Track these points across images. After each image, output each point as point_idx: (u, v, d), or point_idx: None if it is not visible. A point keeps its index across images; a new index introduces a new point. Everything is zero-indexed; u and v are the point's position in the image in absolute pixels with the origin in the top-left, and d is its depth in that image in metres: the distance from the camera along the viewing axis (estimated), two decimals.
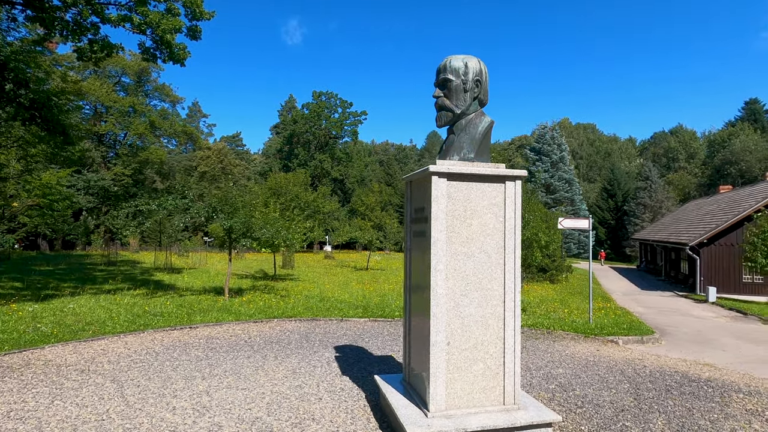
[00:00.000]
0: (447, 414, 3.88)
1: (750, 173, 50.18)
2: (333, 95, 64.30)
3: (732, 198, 27.92)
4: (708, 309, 16.75)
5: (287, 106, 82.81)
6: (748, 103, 62.62)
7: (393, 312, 11.00)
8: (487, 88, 4.35)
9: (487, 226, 4.08)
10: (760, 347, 9.71)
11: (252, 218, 13.11)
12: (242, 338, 7.94)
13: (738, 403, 5.52)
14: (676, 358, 8.00)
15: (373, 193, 60.22)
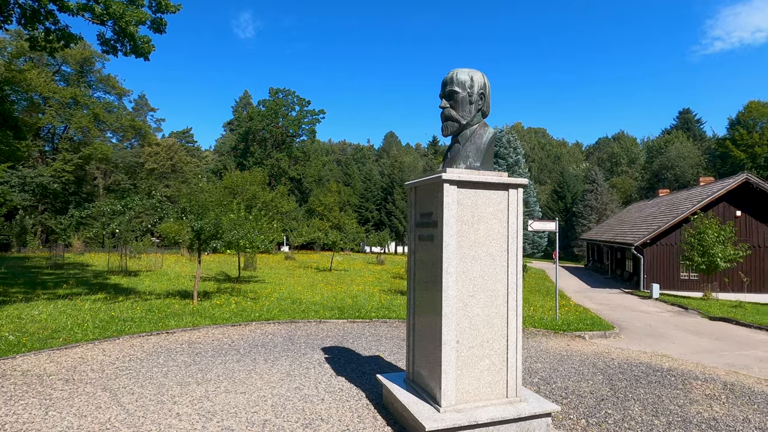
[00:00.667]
0: (457, 408, 4.11)
1: (684, 178, 54.33)
2: (290, 93, 63.38)
3: (671, 201, 30.16)
4: (653, 304, 18.07)
5: (242, 102, 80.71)
6: (682, 112, 67.69)
7: (369, 313, 11.16)
8: (489, 101, 4.62)
9: (492, 230, 4.35)
10: (704, 339, 10.68)
11: (222, 219, 12.85)
12: (225, 342, 7.84)
13: (698, 389, 6.12)
14: (637, 350, 8.69)
15: (331, 193, 59.89)
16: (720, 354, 8.90)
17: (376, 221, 59.97)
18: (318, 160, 69.13)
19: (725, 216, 23.10)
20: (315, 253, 50.80)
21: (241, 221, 14.83)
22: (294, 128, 63.89)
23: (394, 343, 8.27)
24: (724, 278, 22.25)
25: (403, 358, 7.12)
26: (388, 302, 13.17)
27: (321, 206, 58.08)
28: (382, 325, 9.98)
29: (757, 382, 6.68)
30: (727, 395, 5.89)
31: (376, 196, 62.45)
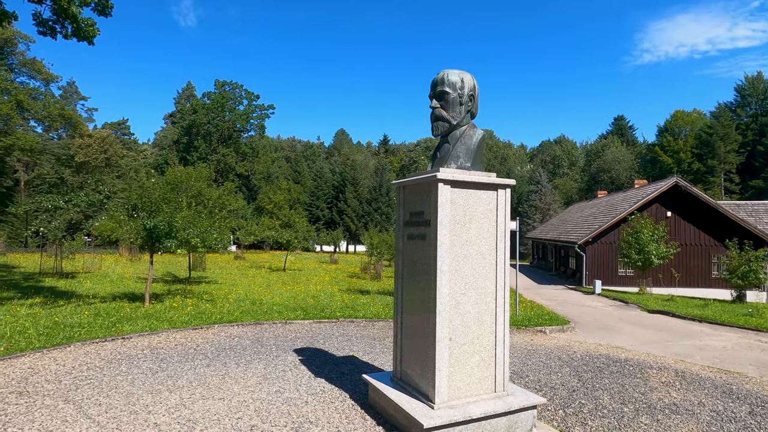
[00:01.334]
0: (450, 404, 4.17)
1: (619, 180, 58.24)
2: (238, 86, 61.22)
3: (609, 202, 32.17)
4: (596, 299, 19.21)
5: (185, 93, 77.16)
6: (617, 119, 72.50)
7: (334, 313, 11.05)
8: (478, 103, 4.71)
9: (482, 229, 4.44)
10: (648, 330, 11.49)
11: (176, 217, 12.23)
12: (190, 347, 7.48)
13: (654, 377, 6.58)
14: (594, 343, 9.20)
15: (281, 190, 58.64)
16: (665, 344, 9.61)
17: (327, 220, 59.44)
18: (267, 156, 67.36)
19: (657, 216, 24.96)
20: (265, 252, 49.59)
21: (196, 219, 14.21)
22: (242, 123, 61.83)
23: (366, 342, 8.24)
24: (659, 274, 24.03)
25: (378, 358, 7.12)
26: (352, 302, 13.10)
27: (270, 204, 56.75)
28: (349, 325, 9.92)
29: (702, 369, 7.28)
30: (680, 382, 6.37)
31: (327, 195, 61.90)
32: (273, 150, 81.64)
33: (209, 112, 58.12)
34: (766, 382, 6.68)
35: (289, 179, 62.75)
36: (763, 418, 5.12)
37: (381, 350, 7.64)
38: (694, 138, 56.39)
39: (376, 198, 58.62)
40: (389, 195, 59.53)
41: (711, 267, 25.45)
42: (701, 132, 55.96)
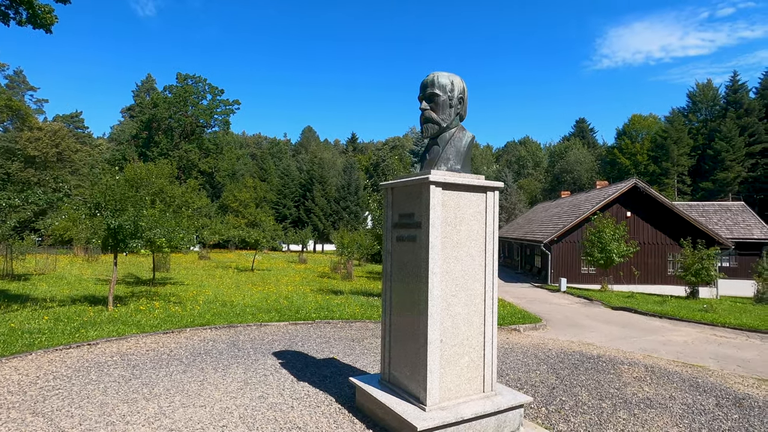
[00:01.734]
0: (441, 406, 4.18)
1: (580, 181, 60.32)
2: (201, 80, 59.37)
3: (572, 202, 33.24)
4: (562, 297, 19.81)
5: (145, 86, 74.30)
6: (578, 121, 75.05)
7: (309, 314, 10.91)
8: (467, 105, 4.74)
9: (472, 231, 4.47)
10: (614, 327, 11.94)
11: (141, 216, 11.75)
12: (162, 352, 7.19)
13: (627, 373, 6.83)
14: (566, 340, 9.47)
15: (246, 188, 57.38)
16: (631, 340, 10.01)
17: (294, 218, 58.61)
18: (232, 153, 65.67)
19: (618, 216, 25.99)
20: (230, 252, 48.41)
21: (162, 219, 13.71)
22: (205, 118, 59.97)
23: (345, 344, 8.17)
24: (619, 272, 25.02)
25: (359, 360, 7.07)
26: (326, 303, 12.97)
27: (236, 202, 55.45)
28: (326, 327, 9.81)
29: (669, 364, 7.62)
30: (650, 377, 6.64)
31: (295, 193, 61.03)
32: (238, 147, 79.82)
33: (171, 106, 56.07)
34: (727, 375, 7.06)
35: (255, 177, 61.41)
36: (729, 409, 5.40)
37: (361, 352, 7.59)
38: (650, 141, 59.12)
39: (344, 197, 58.29)
40: (358, 194, 59.31)
41: (667, 265, 26.73)
42: (656, 136, 58.73)
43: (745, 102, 56.10)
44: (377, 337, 8.90)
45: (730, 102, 57.37)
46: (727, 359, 8.39)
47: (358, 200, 58.65)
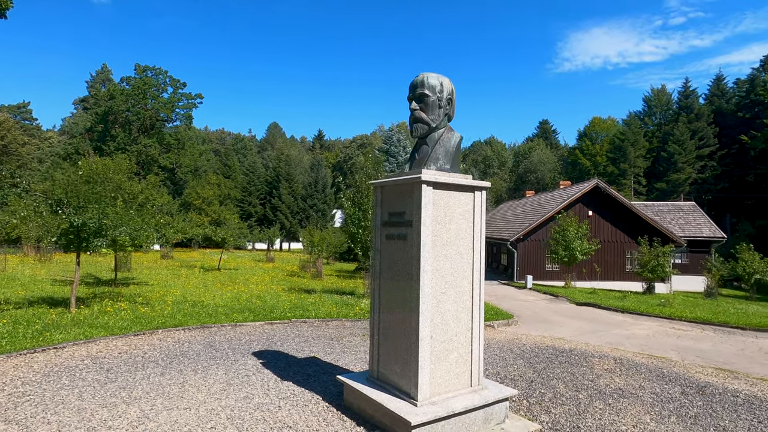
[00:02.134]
0: (432, 401, 4.26)
1: (544, 181, 62.19)
2: (162, 72, 57.05)
3: (537, 201, 34.23)
4: (529, 294, 20.40)
5: (100, 77, 71.08)
6: (541, 123, 77.29)
7: (285, 314, 10.80)
8: (455, 106, 4.83)
9: (461, 230, 4.57)
10: (581, 322, 12.42)
11: (107, 213, 11.28)
12: (136, 354, 6.96)
13: (598, 365, 7.14)
14: (538, 335, 9.79)
15: (210, 185, 55.86)
16: (598, 334, 10.45)
17: (260, 216, 57.50)
18: (194, 148, 63.44)
19: (581, 215, 26.96)
20: (194, 250, 47.05)
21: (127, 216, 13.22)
22: (166, 112, 57.67)
23: (324, 342, 8.15)
24: (582, 269, 25.97)
25: (341, 358, 7.08)
26: (300, 302, 12.86)
27: (199, 199, 53.94)
28: (302, 326, 9.75)
29: (635, 356, 8.01)
30: (620, 368, 6.97)
31: (260, 190, 59.87)
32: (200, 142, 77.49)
33: (129, 98, 53.60)
34: (688, 365, 7.50)
35: (219, 173, 59.83)
36: (693, 397, 5.75)
37: (341, 350, 7.60)
38: (608, 143, 61.65)
39: (312, 194, 57.74)
40: (325, 192, 58.87)
41: (625, 262, 27.97)
42: (615, 138, 61.30)
43: (696, 107, 59.33)
44: (355, 335, 8.93)
45: (682, 107, 60.52)
46: (686, 350, 8.90)
47: (325, 198, 58.23)
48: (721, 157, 56.19)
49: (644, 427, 4.70)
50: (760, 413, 5.25)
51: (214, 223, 48.92)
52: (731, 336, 10.68)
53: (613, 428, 4.65)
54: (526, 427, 4.59)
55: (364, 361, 6.94)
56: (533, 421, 4.78)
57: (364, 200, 15.12)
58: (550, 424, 4.70)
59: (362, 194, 15.25)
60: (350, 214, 15.31)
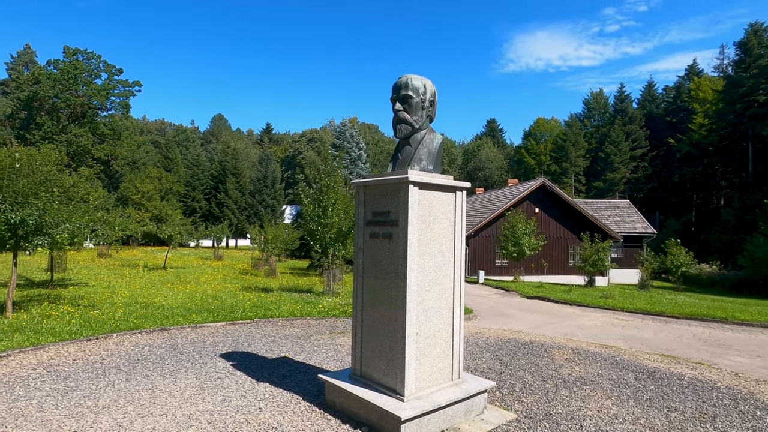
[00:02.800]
0: (417, 396, 4.36)
1: (491, 178, 64.30)
2: (94, 56, 53.13)
3: (487, 198, 35.37)
4: (482, 288, 21.11)
5: (22, 59, 65.58)
6: (489, 122, 79.81)
7: (246, 313, 10.55)
8: (436, 108, 4.94)
9: (443, 229, 4.70)
10: (535, 315, 13.05)
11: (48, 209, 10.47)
12: (93, 360, 6.57)
13: (558, 356, 7.56)
14: (498, 328, 10.19)
15: (150, 179, 53.08)
16: (553, 326, 11.04)
17: (205, 212, 55.31)
18: (132, 139, 59.61)
19: (528, 212, 28.19)
20: (132, 248, 44.55)
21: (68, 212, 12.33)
22: (100, 100, 53.71)
23: (292, 342, 8.06)
24: (531, 264, 27.19)
25: (313, 357, 7.04)
26: (260, 301, 12.59)
27: (138, 194, 51.16)
28: (267, 325, 9.57)
29: (589, 345, 8.55)
30: (578, 358, 7.43)
31: (205, 185, 57.46)
32: (139, 133, 73.42)
33: (57, 83, 49.36)
34: (636, 353, 8.10)
35: (160, 166, 56.82)
36: (646, 381, 6.24)
37: (311, 349, 7.55)
38: (552, 143, 64.81)
39: (260, 189, 56.26)
40: (275, 187, 57.57)
41: (568, 257, 29.59)
42: (557, 138, 64.55)
43: (630, 111, 63.64)
44: (322, 333, 8.89)
45: (617, 110, 64.71)
46: (632, 339, 9.61)
47: (275, 194, 56.96)
48: (652, 159, 60.67)
49: (608, 412, 5.06)
50: (703, 393, 5.80)
51: (156, 219, 46.58)
52: (668, 325, 11.64)
53: (580, 414, 4.96)
54: (504, 416, 4.81)
55: (337, 359, 6.95)
56: (508, 410, 5.01)
57: (324, 197, 15.00)
58: (524, 413, 4.95)
59: (322, 191, 15.12)
60: (309, 210, 15.14)
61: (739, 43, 51.73)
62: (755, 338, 10.11)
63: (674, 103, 62.18)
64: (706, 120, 53.68)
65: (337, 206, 14.92)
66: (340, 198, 15.36)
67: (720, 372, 6.94)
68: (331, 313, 11.06)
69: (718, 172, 54.61)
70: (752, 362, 7.87)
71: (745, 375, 6.87)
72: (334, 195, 15.07)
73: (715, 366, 7.38)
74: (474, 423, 4.60)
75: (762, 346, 9.30)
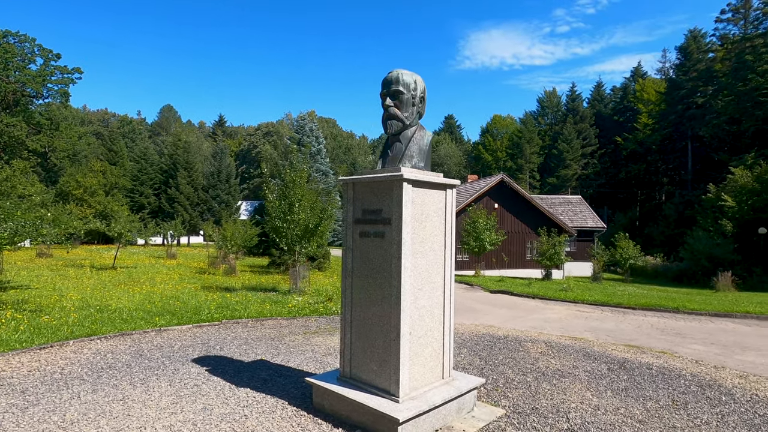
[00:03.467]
0: (411, 396, 4.31)
1: (450, 174, 65.17)
2: (28, 39, 48.90)
3: None
4: None
5: None
6: (447, 118, 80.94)
7: (212, 315, 10.13)
8: (426, 105, 4.87)
9: (435, 227, 4.65)
10: (503, 309, 13.34)
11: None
12: (51, 371, 6.07)
13: (532, 349, 7.74)
14: (471, 324, 10.32)
15: (93, 173, 50.06)
16: (521, 320, 11.32)
17: (154, 208, 52.78)
18: (71, 130, 55.56)
19: (488, 208, 28.86)
20: (75, 247, 41.86)
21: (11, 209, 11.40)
22: (35, 87, 49.59)
23: (266, 344, 7.81)
24: (492, 258, 27.83)
25: (291, 359, 6.85)
26: (224, 301, 12.13)
27: (79, 189, 48.18)
28: (236, 327, 9.23)
29: (560, 338, 8.82)
30: (552, 351, 7.63)
31: (154, 179, 54.70)
32: (79, 123, 68.91)
33: None
34: (603, 344, 8.43)
35: (103, 159, 53.55)
36: (619, 372, 6.50)
37: (287, 351, 7.34)
38: (508, 140, 66.68)
39: (214, 185, 54.33)
40: (229, 182, 55.79)
41: (526, 251, 30.56)
42: (513, 135, 66.50)
43: (580, 110, 66.52)
44: (296, 334, 8.68)
45: (569, 109, 67.45)
46: (597, 331, 10.01)
47: (230, 189, 55.20)
48: (601, 156, 63.73)
49: (589, 403, 5.21)
50: (672, 381, 6.10)
51: (100, 216, 43.96)
52: (626, 315, 12.23)
53: (565, 407, 5.08)
54: (493, 412, 4.85)
55: (316, 360, 6.79)
56: (496, 406, 5.06)
57: (289, 192, 14.65)
58: (512, 408, 5.01)
59: (288, 186, 14.76)
60: (275, 206, 14.74)
61: (679, 47, 55.20)
62: (705, 326, 10.81)
63: (621, 103, 65.59)
64: (650, 120, 56.99)
65: (303, 202, 14.63)
66: (307, 194, 15.08)
67: (682, 360, 7.34)
68: (302, 313, 10.83)
69: (660, 170, 58.14)
70: (708, 350, 8.39)
71: (705, 362, 7.30)
72: (300, 191, 14.76)
73: (677, 354, 7.80)
74: (466, 421, 4.60)
75: (713, 333, 9.95)
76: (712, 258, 27.76)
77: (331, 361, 6.70)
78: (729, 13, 50.19)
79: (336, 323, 9.83)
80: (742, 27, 49.29)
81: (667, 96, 54.59)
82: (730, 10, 50.05)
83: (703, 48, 53.63)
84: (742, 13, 49.26)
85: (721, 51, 50.66)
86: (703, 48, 53.64)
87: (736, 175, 33.89)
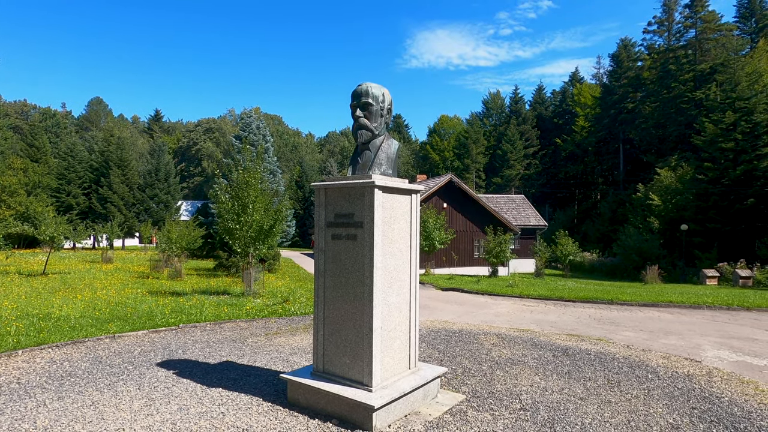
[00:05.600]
0: (383, 385, 4.66)
1: (400, 173, 66.35)
2: None
3: None
4: None
5: None
6: (395, 117, 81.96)
7: (167, 319, 9.96)
8: (392, 115, 5.25)
9: (402, 230, 5.03)
10: (454, 305, 13.99)
11: None
12: (8, 381, 5.85)
13: (486, 341, 8.34)
14: (426, 319, 10.82)
15: (12, 170, 46.29)
16: (472, 315, 11.98)
17: (84, 209, 49.26)
18: None
19: (438, 207, 29.78)
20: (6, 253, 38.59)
21: None
22: None
23: (230, 345, 7.87)
24: (442, 257, 28.72)
25: (258, 358, 6.99)
26: (177, 305, 11.89)
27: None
28: (194, 331, 9.16)
29: (509, 330, 9.50)
30: (503, 342, 8.26)
31: (83, 178, 50.76)
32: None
33: None
34: (548, 334, 9.20)
35: (24, 156, 49.42)
36: (562, 358, 7.19)
37: (251, 352, 7.46)
38: (455, 140, 68.70)
39: (151, 184, 51.59)
40: (168, 180, 53.29)
41: (473, 249, 31.81)
42: (460, 135, 68.60)
43: (523, 112, 69.77)
44: (257, 335, 8.78)
45: (513, 111, 70.55)
46: (542, 323, 10.83)
47: (169, 188, 52.73)
48: (542, 157, 67.16)
49: (538, 386, 5.80)
50: (607, 364, 6.86)
51: (21, 218, 40.79)
52: (567, 308, 13.26)
53: (517, 390, 5.63)
54: (455, 398, 5.30)
55: (282, 359, 6.97)
56: (457, 392, 5.52)
57: (243, 193, 14.55)
58: (471, 393, 5.49)
59: (241, 187, 14.64)
60: (227, 208, 14.57)
61: (612, 55, 59.31)
62: (636, 315, 11.98)
63: (560, 106, 69.50)
64: (587, 123, 60.86)
65: (257, 203, 14.58)
66: (261, 194, 15.03)
67: (616, 345, 8.20)
68: (261, 315, 10.88)
69: (596, 170, 62.27)
70: (637, 336, 9.37)
71: (635, 346, 8.21)
72: (254, 192, 14.69)
73: (611, 341, 8.68)
74: (431, 406, 5.02)
75: (642, 322, 11.07)
76: (641, 253, 30.25)
77: (297, 360, 6.91)
78: (655, 25, 54.75)
79: (296, 324, 10.00)
80: (666, 38, 53.91)
81: (602, 101, 58.59)
82: (655, 22, 54.58)
83: (633, 56, 58.01)
84: (666, 25, 53.84)
85: (649, 60, 55.14)
86: (632, 56, 58.01)
87: (661, 175, 37.04)
